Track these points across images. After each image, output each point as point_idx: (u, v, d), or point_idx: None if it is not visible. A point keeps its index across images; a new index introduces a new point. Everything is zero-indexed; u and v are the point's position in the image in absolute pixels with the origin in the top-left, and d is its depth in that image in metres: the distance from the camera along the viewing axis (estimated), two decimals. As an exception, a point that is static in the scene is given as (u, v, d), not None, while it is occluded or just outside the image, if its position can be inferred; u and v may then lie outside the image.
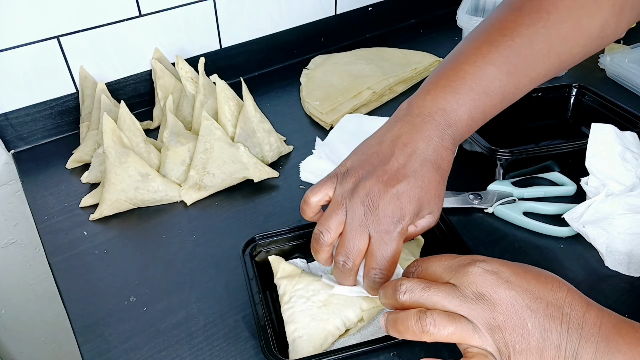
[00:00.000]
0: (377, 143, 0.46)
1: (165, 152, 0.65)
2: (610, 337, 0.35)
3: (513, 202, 0.60)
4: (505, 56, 0.46)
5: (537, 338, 0.36)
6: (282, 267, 0.50)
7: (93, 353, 0.48)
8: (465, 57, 0.47)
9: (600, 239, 0.54)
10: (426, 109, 0.45)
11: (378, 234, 0.42)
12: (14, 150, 0.73)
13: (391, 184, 0.43)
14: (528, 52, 0.46)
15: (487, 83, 0.45)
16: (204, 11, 0.78)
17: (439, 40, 0.97)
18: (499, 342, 0.36)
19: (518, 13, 0.47)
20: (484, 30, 0.48)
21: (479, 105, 0.46)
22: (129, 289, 0.54)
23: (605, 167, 0.57)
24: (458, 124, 0.45)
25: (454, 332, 0.36)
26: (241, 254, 0.52)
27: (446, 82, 0.46)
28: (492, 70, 0.45)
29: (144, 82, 0.78)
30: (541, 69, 0.47)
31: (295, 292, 0.47)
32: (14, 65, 0.67)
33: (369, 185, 0.43)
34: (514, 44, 0.46)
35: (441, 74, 0.47)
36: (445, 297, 0.37)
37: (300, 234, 0.54)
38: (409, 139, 0.44)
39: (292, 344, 0.45)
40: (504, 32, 0.46)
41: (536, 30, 0.46)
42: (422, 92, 0.47)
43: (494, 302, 0.36)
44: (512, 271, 0.38)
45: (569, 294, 0.37)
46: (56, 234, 0.60)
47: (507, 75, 0.46)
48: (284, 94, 0.83)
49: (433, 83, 0.47)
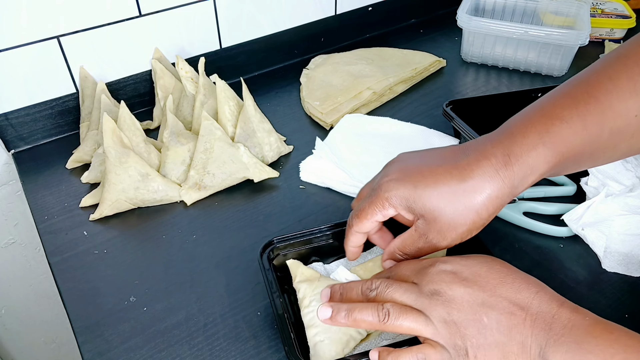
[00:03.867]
0: (435, 148, 0.47)
1: (165, 152, 0.65)
2: (583, 338, 0.35)
3: (513, 202, 0.60)
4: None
5: (496, 333, 0.37)
6: (301, 271, 0.50)
7: (93, 353, 0.48)
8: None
9: (599, 242, 0.54)
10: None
11: (369, 190, 0.46)
12: (14, 150, 0.73)
13: (409, 163, 0.45)
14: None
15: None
16: (204, 11, 0.78)
17: (439, 40, 0.97)
18: (455, 336, 0.37)
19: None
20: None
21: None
22: (129, 289, 0.54)
23: (605, 167, 0.57)
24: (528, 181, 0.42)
25: (407, 323, 0.39)
26: (259, 257, 0.51)
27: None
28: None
29: (144, 82, 0.78)
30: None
31: (315, 295, 0.47)
32: (14, 65, 0.67)
33: (402, 158, 0.47)
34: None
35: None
36: (404, 293, 0.40)
37: (318, 237, 0.53)
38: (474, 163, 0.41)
39: (314, 348, 0.44)
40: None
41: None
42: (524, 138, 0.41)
43: (449, 298, 0.38)
44: (472, 271, 0.40)
45: (539, 295, 0.38)
46: (56, 234, 0.60)
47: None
48: (284, 94, 0.83)
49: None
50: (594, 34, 0.95)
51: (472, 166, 0.41)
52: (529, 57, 0.86)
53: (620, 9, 0.97)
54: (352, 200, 0.63)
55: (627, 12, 0.96)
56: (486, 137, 0.43)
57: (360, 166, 0.65)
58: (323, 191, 0.65)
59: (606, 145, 0.42)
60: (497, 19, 0.93)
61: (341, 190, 0.65)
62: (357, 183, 0.63)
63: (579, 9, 0.87)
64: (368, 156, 0.67)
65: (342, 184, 0.64)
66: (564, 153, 0.40)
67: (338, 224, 0.53)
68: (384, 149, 0.68)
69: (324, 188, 0.66)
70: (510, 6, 0.92)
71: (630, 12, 0.96)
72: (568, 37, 0.80)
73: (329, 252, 0.54)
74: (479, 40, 0.88)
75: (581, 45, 0.81)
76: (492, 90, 0.84)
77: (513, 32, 0.83)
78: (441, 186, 0.41)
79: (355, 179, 0.63)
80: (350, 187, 0.64)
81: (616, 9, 0.97)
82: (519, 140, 0.40)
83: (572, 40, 0.80)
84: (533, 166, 0.40)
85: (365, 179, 0.63)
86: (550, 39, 0.81)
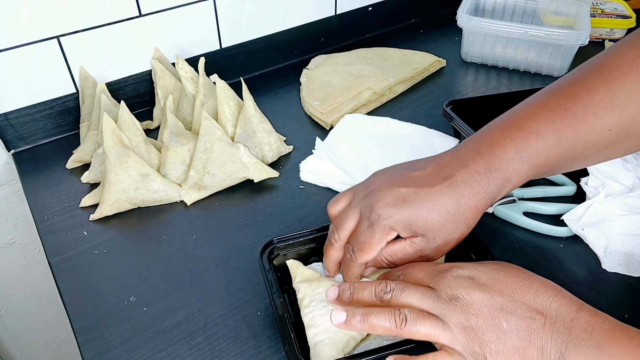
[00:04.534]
0: (413, 163, 0.47)
1: (165, 152, 0.65)
2: (603, 342, 0.34)
3: (513, 202, 0.60)
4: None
5: (515, 339, 0.36)
6: (301, 271, 0.50)
7: (93, 353, 0.48)
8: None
9: (599, 242, 0.54)
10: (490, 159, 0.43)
11: (364, 218, 0.44)
12: (14, 150, 0.73)
13: (400, 184, 0.43)
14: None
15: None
16: (204, 11, 0.78)
17: (439, 40, 0.97)
18: (473, 342, 0.37)
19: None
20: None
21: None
22: (129, 289, 0.54)
23: (605, 167, 0.57)
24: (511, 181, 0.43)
25: (424, 329, 0.38)
26: (259, 257, 0.51)
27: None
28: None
29: (144, 82, 0.78)
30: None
31: (315, 296, 0.47)
32: (14, 65, 0.67)
33: (382, 179, 0.45)
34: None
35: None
36: (421, 297, 0.39)
37: (318, 237, 0.53)
38: (453, 170, 0.43)
39: (314, 347, 0.44)
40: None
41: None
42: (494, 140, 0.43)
43: (467, 303, 0.38)
44: (489, 276, 0.39)
45: (557, 298, 0.37)
46: (56, 234, 0.60)
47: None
48: (284, 94, 0.83)
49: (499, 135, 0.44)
50: (594, 34, 0.95)
51: (462, 184, 0.42)
52: (529, 57, 0.86)
53: (620, 9, 0.97)
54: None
55: (627, 12, 0.96)
56: (466, 147, 0.44)
57: (360, 166, 0.65)
58: (323, 191, 0.65)
59: (580, 156, 0.44)
60: (497, 19, 0.93)
61: (341, 190, 0.65)
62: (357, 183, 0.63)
63: (579, 9, 0.87)
64: (368, 156, 0.67)
65: (342, 184, 0.64)
66: (538, 166, 0.43)
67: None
68: (384, 149, 0.68)
69: (324, 188, 0.66)
70: (510, 6, 0.92)
71: (630, 12, 0.96)
72: (568, 37, 0.80)
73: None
74: (479, 40, 0.88)
75: (581, 45, 0.81)
76: (492, 90, 0.84)
77: (513, 32, 0.83)
78: (439, 207, 0.42)
79: (355, 179, 0.63)
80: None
81: (616, 9, 0.97)
82: (498, 154, 0.42)
83: (572, 40, 0.80)
84: (509, 179, 0.42)
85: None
86: (550, 39, 0.81)
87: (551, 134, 0.42)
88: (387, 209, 0.43)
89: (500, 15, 0.93)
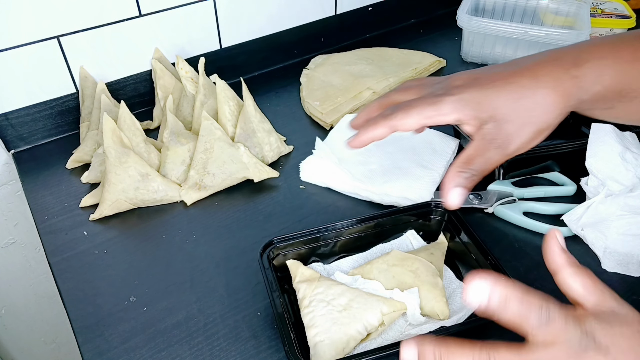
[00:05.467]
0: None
1: (165, 152, 0.65)
2: None
3: (513, 202, 0.60)
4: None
5: None
6: (301, 271, 0.50)
7: (93, 353, 0.48)
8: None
9: (599, 242, 0.54)
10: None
11: (428, 90, 0.44)
12: (14, 150, 0.73)
13: (477, 70, 0.43)
14: None
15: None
16: (204, 11, 0.78)
17: (439, 40, 0.97)
18: None
19: None
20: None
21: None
22: (129, 289, 0.54)
23: (605, 167, 0.57)
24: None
25: None
26: (259, 257, 0.51)
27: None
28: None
29: (144, 82, 0.78)
30: None
31: (315, 296, 0.47)
32: (14, 65, 0.67)
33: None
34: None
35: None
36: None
37: (318, 237, 0.53)
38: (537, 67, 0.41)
39: (314, 348, 0.44)
40: None
41: None
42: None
43: None
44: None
45: None
46: (56, 234, 0.60)
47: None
48: (284, 94, 0.83)
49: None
50: (594, 34, 0.95)
51: (541, 65, 0.40)
52: (529, 57, 0.86)
53: (620, 9, 0.97)
54: (352, 200, 0.64)
55: (627, 12, 0.96)
56: (547, 51, 0.43)
57: (360, 166, 0.65)
58: (323, 191, 0.65)
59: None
60: (497, 19, 0.93)
61: (341, 190, 0.65)
62: (357, 183, 0.63)
63: (579, 9, 0.87)
64: (368, 156, 0.67)
65: (342, 184, 0.64)
66: (621, 81, 0.40)
67: (338, 223, 0.54)
68: (384, 148, 0.68)
69: (324, 188, 0.66)
70: (510, 6, 0.92)
71: (630, 12, 0.96)
72: (568, 37, 0.80)
73: (329, 252, 0.54)
74: (479, 40, 0.88)
75: (581, 45, 0.81)
76: (492, 90, 0.84)
77: (513, 32, 0.83)
78: (512, 85, 0.40)
79: (355, 178, 0.63)
80: (350, 187, 0.64)
81: (616, 9, 0.97)
82: (587, 50, 0.41)
83: (572, 40, 0.80)
84: (600, 74, 0.40)
85: (366, 179, 0.63)
86: (550, 39, 0.81)
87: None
88: (455, 88, 0.42)
89: (500, 15, 0.93)
